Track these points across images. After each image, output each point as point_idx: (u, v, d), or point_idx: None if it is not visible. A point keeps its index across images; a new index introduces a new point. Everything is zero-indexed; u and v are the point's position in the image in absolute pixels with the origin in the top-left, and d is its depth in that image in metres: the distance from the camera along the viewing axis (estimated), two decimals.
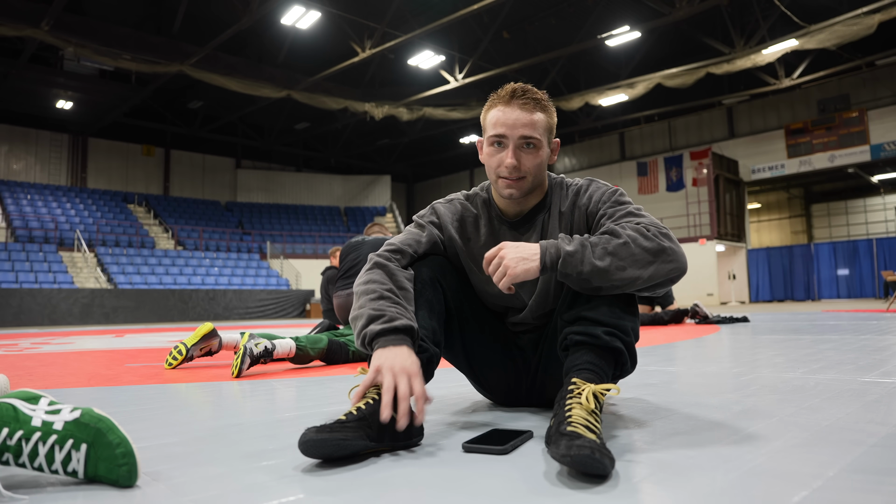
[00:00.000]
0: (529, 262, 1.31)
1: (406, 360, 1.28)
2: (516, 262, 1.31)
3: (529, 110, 1.45)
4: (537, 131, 1.45)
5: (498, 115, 1.47)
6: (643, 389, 2.04)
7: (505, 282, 1.31)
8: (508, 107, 1.46)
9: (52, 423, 1.01)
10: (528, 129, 1.44)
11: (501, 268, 1.32)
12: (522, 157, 1.46)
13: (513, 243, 1.35)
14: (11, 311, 14.58)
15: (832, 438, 1.26)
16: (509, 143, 1.46)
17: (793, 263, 21.48)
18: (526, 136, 1.45)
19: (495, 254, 1.34)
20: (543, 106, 1.48)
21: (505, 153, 1.46)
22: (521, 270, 1.30)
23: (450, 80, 18.52)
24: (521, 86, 1.49)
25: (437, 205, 1.64)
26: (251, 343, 2.86)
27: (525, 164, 1.46)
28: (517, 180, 1.47)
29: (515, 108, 1.45)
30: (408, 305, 1.42)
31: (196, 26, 16.57)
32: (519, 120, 1.44)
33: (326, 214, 27.89)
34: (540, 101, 1.47)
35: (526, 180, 1.48)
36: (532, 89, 1.48)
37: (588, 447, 0.99)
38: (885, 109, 19.76)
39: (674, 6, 14.72)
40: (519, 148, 1.46)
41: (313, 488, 1.00)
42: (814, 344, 3.70)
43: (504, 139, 1.46)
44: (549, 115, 1.49)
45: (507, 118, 1.45)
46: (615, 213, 1.44)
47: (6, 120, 22.14)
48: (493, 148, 1.49)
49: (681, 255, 1.33)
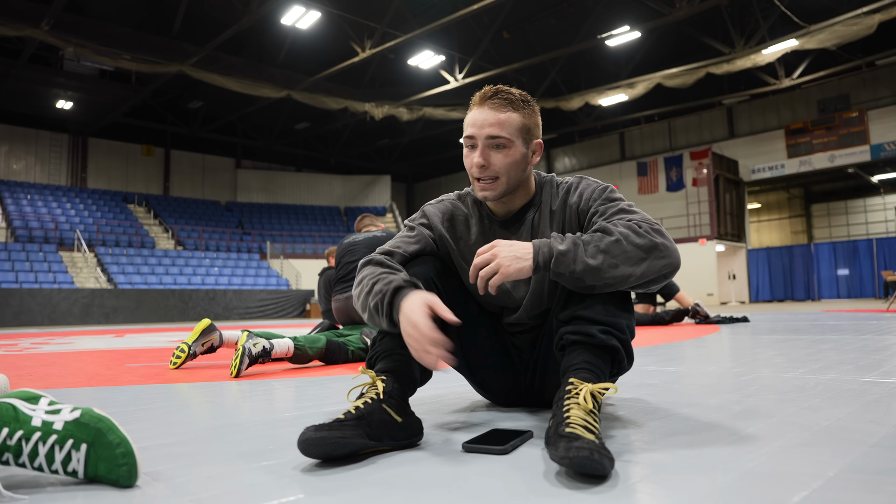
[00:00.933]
0: (523, 261, 1.30)
1: (408, 314, 1.27)
2: (510, 261, 1.30)
3: (498, 110, 1.44)
4: (505, 130, 1.44)
5: (470, 117, 1.48)
6: (642, 389, 2.03)
7: (497, 279, 1.30)
8: (480, 108, 1.46)
9: (52, 423, 1.01)
10: (494, 129, 1.43)
11: (494, 265, 1.30)
12: (491, 157, 1.45)
13: (506, 241, 1.35)
14: (11, 311, 14.58)
15: (832, 438, 1.26)
16: (478, 142, 1.46)
17: (793, 263, 21.49)
18: (493, 135, 1.43)
19: (488, 250, 1.34)
20: (517, 106, 1.46)
21: (475, 153, 1.47)
22: (514, 269, 1.30)
23: (450, 80, 18.52)
24: (496, 87, 1.48)
25: (426, 207, 1.64)
26: (250, 343, 2.86)
27: (494, 163, 1.45)
28: (490, 181, 1.46)
29: (485, 108, 1.45)
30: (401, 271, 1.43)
31: (196, 26, 16.56)
32: (486, 120, 1.44)
33: (326, 214, 27.89)
34: (512, 101, 1.46)
35: (499, 181, 1.46)
36: (507, 90, 1.47)
37: (587, 448, 0.99)
38: (885, 109, 19.76)
39: (674, 6, 14.72)
40: (488, 147, 1.45)
41: (313, 488, 1.00)
42: (814, 344, 3.70)
43: (473, 139, 1.46)
44: (524, 115, 1.47)
45: (477, 119, 1.45)
46: (607, 211, 1.44)
47: (6, 120, 22.14)
48: (468, 150, 1.49)
49: (673, 251, 1.33)
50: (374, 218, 4.22)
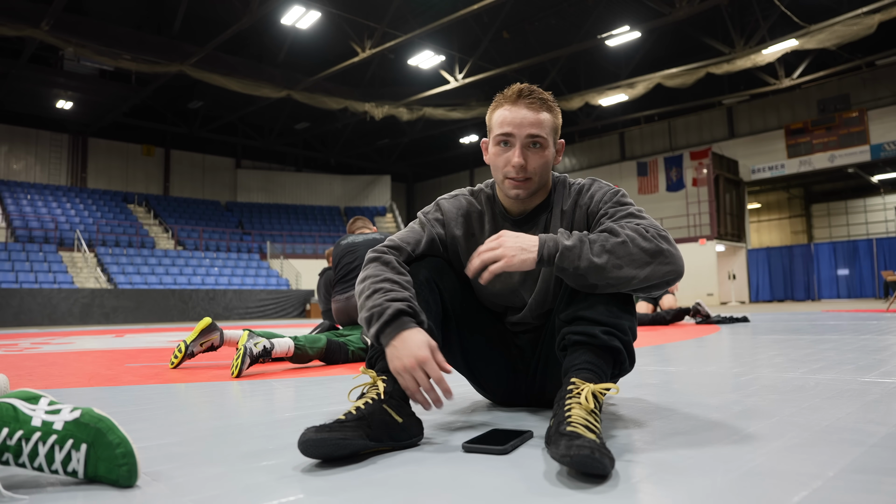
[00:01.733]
0: (528, 252, 1.31)
1: (412, 348, 1.28)
2: (515, 252, 1.31)
3: (536, 109, 1.45)
4: (544, 130, 1.46)
5: (505, 115, 1.47)
6: (643, 389, 2.03)
7: (498, 266, 1.30)
8: (515, 106, 1.46)
9: (52, 423, 1.01)
10: (535, 129, 1.44)
11: (499, 252, 1.31)
12: (529, 157, 1.46)
13: (513, 233, 1.35)
14: (11, 311, 14.58)
15: (832, 438, 1.26)
16: (516, 142, 1.46)
17: (793, 263, 21.49)
18: (533, 134, 1.45)
19: (495, 239, 1.35)
20: (549, 106, 1.48)
21: (512, 152, 1.46)
22: (518, 261, 1.30)
23: (450, 80, 18.52)
24: (528, 86, 1.49)
25: (442, 201, 1.63)
26: (250, 343, 2.87)
27: (531, 163, 1.46)
28: (524, 181, 1.47)
29: (522, 107, 1.45)
30: (403, 286, 1.41)
31: (196, 26, 16.56)
32: (526, 119, 1.44)
33: (326, 214, 27.89)
34: (546, 102, 1.48)
35: (532, 181, 1.48)
36: (538, 90, 1.49)
37: (588, 447, 0.99)
38: (885, 109, 19.77)
39: (674, 6, 14.72)
40: (526, 147, 1.46)
41: (313, 488, 1.00)
42: (814, 344, 3.70)
43: (511, 138, 1.46)
44: (554, 116, 1.49)
45: (515, 117, 1.45)
46: (616, 214, 1.44)
47: (6, 120, 22.14)
48: (500, 147, 1.49)
49: (678, 259, 1.33)
50: (366, 221, 4.23)
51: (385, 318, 1.33)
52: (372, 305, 1.37)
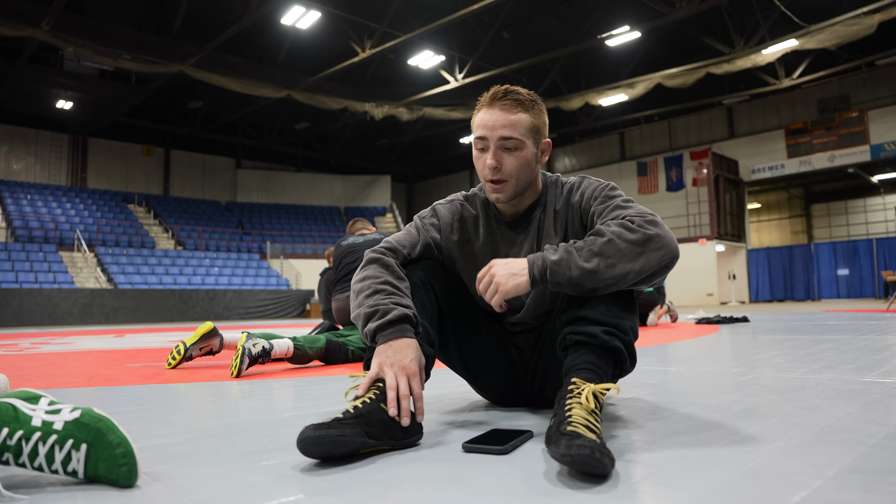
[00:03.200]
0: (519, 276, 1.33)
1: (405, 358, 1.31)
2: (506, 279, 1.33)
3: (509, 111, 1.45)
4: (517, 132, 1.45)
5: (480, 118, 1.48)
6: (643, 389, 2.03)
7: (497, 298, 1.33)
8: (490, 108, 1.47)
9: (52, 422, 1.01)
10: (507, 130, 1.44)
11: (493, 285, 1.34)
12: (503, 159, 1.46)
13: (502, 260, 1.37)
14: (11, 311, 14.58)
15: (832, 438, 1.26)
16: (490, 144, 1.46)
17: (793, 263, 21.49)
18: (505, 136, 1.44)
19: (486, 272, 1.37)
20: (527, 106, 1.47)
21: (487, 155, 1.47)
22: (511, 286, 1.32)
23: (450, 80, 18.52)
24: (506, 88, 1.49)
25: (438, 206, 1.65)
26: (249, 343, 2.87)
27: (506, 165, 1.46)
28: (500, 184, 1.47)
29: (496, 109, 1.46)
30: (405, 293, 1.44)
31: (196, 26, 16.56)
32: (498, 121, 1.45)
33: (326, 214, 27.89)
34: (522, 102, 1.47)
35: (509, 184, 1.48)
36: (516, 90, 1.48)
37: (588, 447, 0.99)
38: (885, 109, 19.77)
39: (674, 6, 14.72)
40: (500, 149, 1.46)
41: (312, 488, 1.00)
42: (814, 344, 3.70)
43: (485, 141, 1.47)
44: (533, 115, 1.48)
45: (488, 120, 1.46)
46: (604, 211, 1.44)
47: (6, 120, 22.13)
48: (478, 151, 1.50)
49: (669, 240, 1.32)
50: (366, 222, 4.25)
51: (389, 318, 1.35)
52: (374, 304, 1.38)
